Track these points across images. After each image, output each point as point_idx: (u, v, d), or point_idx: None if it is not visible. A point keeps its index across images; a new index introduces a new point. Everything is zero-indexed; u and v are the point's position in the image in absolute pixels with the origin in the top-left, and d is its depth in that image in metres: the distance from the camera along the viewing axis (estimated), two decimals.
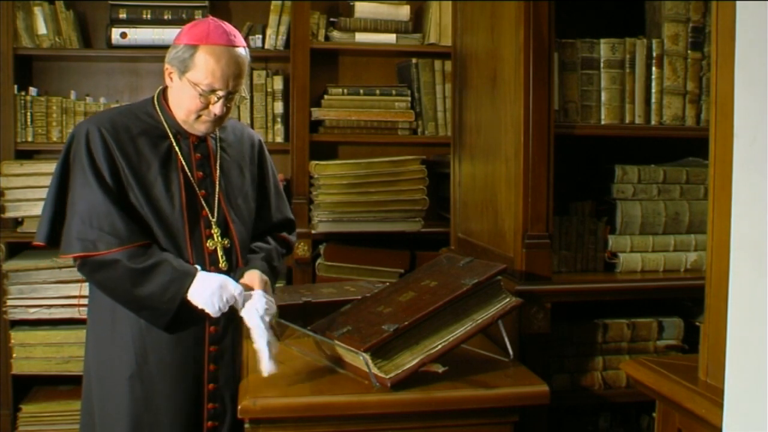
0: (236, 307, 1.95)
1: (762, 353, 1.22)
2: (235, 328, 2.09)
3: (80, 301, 3.27)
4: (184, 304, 1.94)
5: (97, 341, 2.05)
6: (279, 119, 3.67)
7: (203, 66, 1.96)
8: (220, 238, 2.06)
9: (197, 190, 2.06)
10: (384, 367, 1.78)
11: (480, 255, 2.36)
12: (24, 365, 3.36)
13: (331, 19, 3.71)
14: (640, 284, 2.30)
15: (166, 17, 3.50)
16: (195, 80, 1.97)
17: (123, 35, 3.48)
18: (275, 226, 2.28)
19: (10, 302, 3.32)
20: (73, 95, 3.58)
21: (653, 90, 2.35)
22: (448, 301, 1.87)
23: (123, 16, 3.50)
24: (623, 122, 2.34)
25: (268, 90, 3.66)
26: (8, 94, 3.45)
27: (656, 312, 2.38)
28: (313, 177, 3.57)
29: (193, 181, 2.06)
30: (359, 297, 2.19)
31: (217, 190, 2.10)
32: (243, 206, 2.16)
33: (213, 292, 1.93)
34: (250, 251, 2.14)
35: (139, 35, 3.48)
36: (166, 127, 2.07)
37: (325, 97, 3.69)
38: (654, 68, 2.35)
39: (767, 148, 1.24)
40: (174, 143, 2.06)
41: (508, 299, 1.96)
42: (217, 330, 2.06)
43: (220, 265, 2.04)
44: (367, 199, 3.53)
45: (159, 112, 2.08)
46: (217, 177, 2.11)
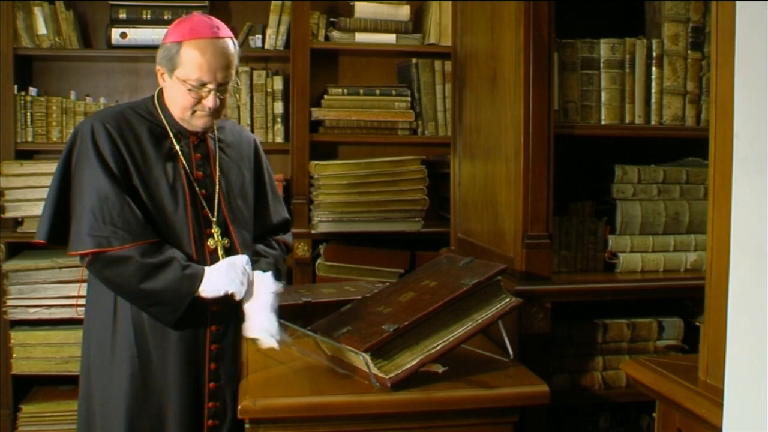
0: (250, 273, 2.01)
1: (762, 353, 1.22)
2: (236, 327, 2.09)
3: (79, 301, 3.23)
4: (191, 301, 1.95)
5: (98, 341, 2.05)
6: (279, 119, 3.67)
7: (189, 61, 1.96)
8: (220, 238, 2.06)
9: (198, 190, 2.06)
10: (384, 367, 1.78)
11: (480, 255, 2.36)
12: (24, 365, 3.36)
13: (331, 19, 3.71)
14: (640, 284, 2.29)
15: (166, 17, 3.50)
16: (183, 77, 1.97)
17: (123, 35, 3.49)
18: (275, 227, 2.29)
19: (10, 302, 3.32)
20: (73, 95, 3.58)
21: (653, 90, 2.35)
22: (448, 301, 1.87)
23: (123, 16, 3.50)
24: (623, 122, 2.34)
25: (268, 90, 3.66)
26: (8, 94, 3.45)
27: (656, 312, 2.38)
28: (313, 177, 3.57)
29: (193, 180, 2.06)
30: (359, 297, 2.19)
31: (217, 189, 2.10)
32: (243, 206, 2.16)
33: (227, 274, 1.95)
34: (256, 253, 2.14)
35: (139, 35, 3.48)
36: (167, 126, 2.07)
37: (325, 97, 3.69)
38: (654, 68, 2.35)
39: (767, 148, 1.24)
40: (175, 142, 2.06)
41: (508, 299, 1.96)
42: (218, 329, 2.06)
43: None
44: (367, 199, 3.53)
45: (159, 111, 2.08)
46: (217, 177, 2.11)
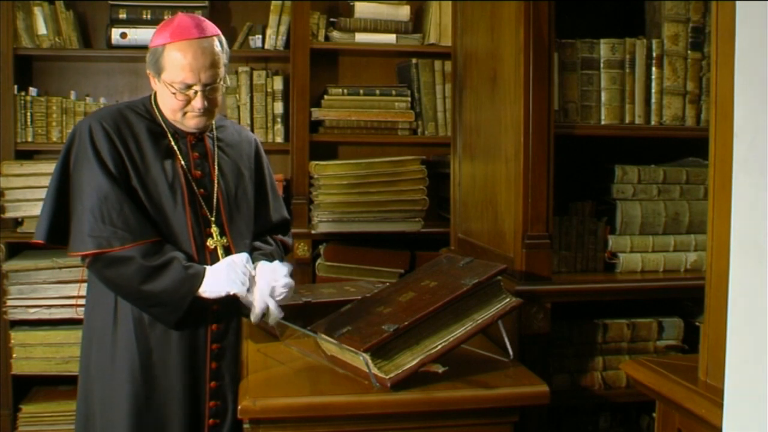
0: (251, 269, 1.98)
1: (762, 353, 1.22)
2: (236, 327, 2.09)
3: (79, 301, 3.26)
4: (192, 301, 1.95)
5: (98, 341, 2.05)
6: (279, 119, 3.67)
7: (172, 64, 1.96)
8: (219, 237, 2.06)
9: (196, 189, 2.06)
10: (384, 367, 1.78)
11: (480, 255, 2.36)
12: (24, 365, 3.36)
13: (331, 19, 3.71)
14: (640, 284, 2.29)
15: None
16: (169, 80, 1.97)
17: (123, 35, 3.49)
18: (275, 226, 2.29)
19: (10, 302, 3.33)
20: (73, 95, 3.59)
21: (653, 90, 2.35)
22: (448, 301, 1.87)
23: (123, 16, 3.50)
24: (623, 122, 2.34)
25: (268, 90, 3.66)
26: (8, 94, 3.45)
27: (656, 312, 2.38)
28: (313, 177, 3.57)
29: (192, 179, 2.06)
30: (359, 297, 2.19)
31: (216, 189, 2.10)
32: (242, 206, 2.16)
33: (227, 275, 1.94)
34: (254, 249, 2.14)
35: (139, 35, 3.48)
36: (164, 125, 2.07)
37: (325, 97, 3.69)
38: (654, 68, 2.35)
39: (767, 148, 1.24)
40: (172, 142, 2.06)
41: (508, 299, 1.96)
42: (219, 328, 2.06)
43: None
44: (367, 199, 3.53)
45: (156, 110, 2.08)
46: (216, 176, 2.11)
